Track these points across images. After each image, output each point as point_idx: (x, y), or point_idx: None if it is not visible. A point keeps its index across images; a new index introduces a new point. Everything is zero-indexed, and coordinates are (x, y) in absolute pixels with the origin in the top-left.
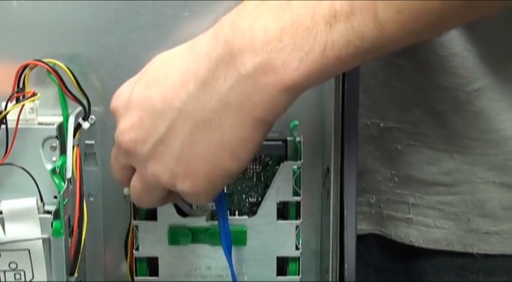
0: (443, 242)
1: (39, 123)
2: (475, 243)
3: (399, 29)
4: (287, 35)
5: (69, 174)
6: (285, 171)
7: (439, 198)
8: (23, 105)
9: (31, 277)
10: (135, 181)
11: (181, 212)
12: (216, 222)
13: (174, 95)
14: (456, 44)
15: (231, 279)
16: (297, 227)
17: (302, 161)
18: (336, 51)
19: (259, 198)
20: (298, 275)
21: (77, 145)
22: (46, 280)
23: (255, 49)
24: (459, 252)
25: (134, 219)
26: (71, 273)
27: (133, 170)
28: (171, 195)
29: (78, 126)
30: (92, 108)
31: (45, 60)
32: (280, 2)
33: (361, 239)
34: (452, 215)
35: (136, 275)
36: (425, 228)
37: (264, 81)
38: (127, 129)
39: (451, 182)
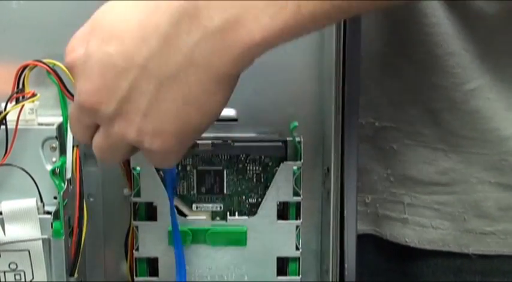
0: (438, 242)
1: (39, 124)
2: (471, 243)
3: None
4: None
5: (69, 175)
6: (285, 172)
7: (434, 198)
8: (23, 106)
9: (31, 277)
10: (99, 138)
11: (182, 213)
12: (216, 222)
13: (135, 51)
14: (452, 43)
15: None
16: (297, 227)
17: (302, 161)
18: (310, 8)
19: (259, 199)
20: (299, 275)
21: (77, 146)
22: (46, 280)
23: (223, 3)
24: (456, 253)
25: (134, 219)
26: (71, 274)
27: (96, 128)
28: (133, 150)
29: None
30: None
31: (45, 60)
32: None
33: None
34: (448, 215)
35: (136, 276)
36: (421, 228)
37: (232, 37)
38: (89, 88)
39: (447, 182)
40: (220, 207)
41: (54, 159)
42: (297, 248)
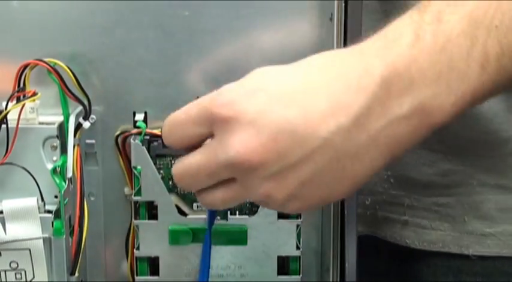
0: (438, 243)
1: (40, 123)
2: (471, 245)
3: None
4: (443, 79)
5: (69, 174)
6: None
7: (435, 200)
8: (24, 105)
9: (32, 277)
10: (229, 193)
11: (182, 212)
12: (217, 222)
13: (321, 124)
14: None
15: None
16: (297, 226)
17: None
18: (484, 91)
19: None
20: (299, 274)
21: (78, 144)
22: (47, 280)
23: (413, 92)
24: (456, 255)
25: (135, 218)
26: (72, 273)
27: (227, 181)
28: None
29: (78, 126)
30: (92, 108)
31: (46, 59)
32: (435, 42)
33: None
34: (448, 216)
35: (137, 275)
36: (421, 229)
37: (417, 123)
38: (253, 147)
39: (447, 184)
40: None
41: (55, 158)
42: (298, 247)
